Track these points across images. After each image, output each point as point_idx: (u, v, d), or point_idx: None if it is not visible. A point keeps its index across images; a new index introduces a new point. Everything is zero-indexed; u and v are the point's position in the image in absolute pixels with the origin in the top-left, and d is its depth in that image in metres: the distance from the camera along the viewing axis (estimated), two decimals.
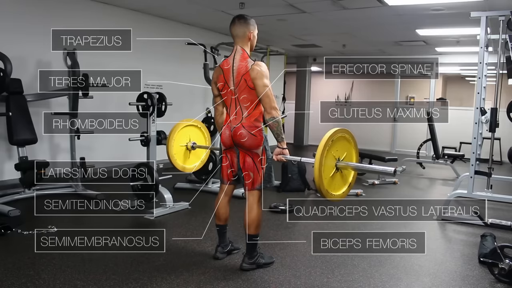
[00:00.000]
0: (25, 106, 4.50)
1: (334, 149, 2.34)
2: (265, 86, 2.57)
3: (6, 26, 4.61)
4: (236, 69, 2.67)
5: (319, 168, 2.22)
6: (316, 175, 2.23)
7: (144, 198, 4.16)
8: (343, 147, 2.42)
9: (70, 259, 2.86)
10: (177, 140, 3.16)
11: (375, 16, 5.87)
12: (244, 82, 2.63)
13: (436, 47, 8.49)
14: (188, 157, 3.22)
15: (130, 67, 6.10)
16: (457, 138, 8.92)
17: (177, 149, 3.15)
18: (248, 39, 2.72)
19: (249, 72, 2.61)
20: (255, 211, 2.72)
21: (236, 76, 2.67)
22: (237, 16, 2.72)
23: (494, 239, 3.21)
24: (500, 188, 4.98)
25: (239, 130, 2.66)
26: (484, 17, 4.00)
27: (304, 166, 5.46)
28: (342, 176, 2.40)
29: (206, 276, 2.67)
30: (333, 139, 2.32)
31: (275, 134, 2.66)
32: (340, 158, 2.37)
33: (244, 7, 5.50)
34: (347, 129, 2.47)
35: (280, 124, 2.64)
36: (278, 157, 2.69)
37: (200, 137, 3.32)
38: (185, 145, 3.20)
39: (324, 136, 2.30)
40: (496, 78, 4.00)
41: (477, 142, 4.12)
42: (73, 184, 4.81)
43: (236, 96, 2.69)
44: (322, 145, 2.26)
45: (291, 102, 11.12)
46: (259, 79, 2.59)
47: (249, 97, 2.65)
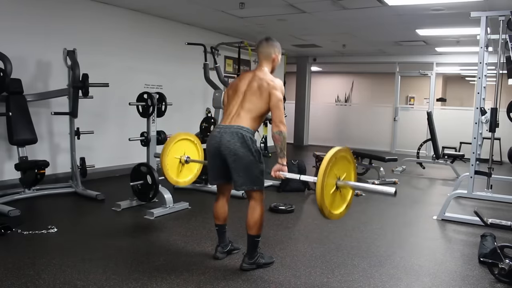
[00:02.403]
0: (25, 106, 4.50)
1: (336, 167, 2.39)
2: (279, 100, 2.67)
3: (6, 26, 4.61)
4: (253, 77, 2.76)
5: (321, 186, 2.26)
6: (318, 193, 2.27)
7: (144, 198, 4.16)
8: (344, 166, 2.48)
9: (70, 259, 2.86)
10: (172, 152, 3.18)
11: (375, 16, 5.87)
12: (257, 89, 2.70)
13: (436, 47, 8.49)
14: (181, 171, 3.24)
15: (130, 67, 6.13)
16: (457, 138, 8.93)
17: (171, 161, 3.17)
18: (272, 60, 2.85)
19: (267, 82, 2.69)
20: (257, 211, 2.72)
21: (250, 81, 2.75)
22: (266, 38, 2.88)
23: (494, 239, 3.21)
24: (500, 188, 4.98)
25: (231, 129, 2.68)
26: (484, 17, 4.01)
27: (304, 166, 5.46)
28: (341, 195, 2.46)
29: (206, 276, 2.67)
30: (336, 157, 2.37)
31: (278, 148, 2.67)
32: (340, 177, 2.42)
33: (244, 7, 5.50)
34: (348, 148, 2.51)
35: (285, 140, 2.68)
36: (277, 174, 2.69)
37: (194, 151, 3.35)
38: (179, 158, 3.21)
39: (327, 154, 2.34)
40: (496, 78, 4.00)
41: (477, 142, 4.12)
42: (73, 184, 4.81)
43: (242, 99, 2.74)
44: (325, 164, 2.30)
45: (291, 102, 11.14)
46: (276, 90, 2.68)
47: (255, 104, 2.70)
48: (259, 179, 2.72)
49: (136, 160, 4.49)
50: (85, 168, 4.81)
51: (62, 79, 4.88)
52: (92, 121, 5.38)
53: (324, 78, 12.87)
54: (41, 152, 4.98)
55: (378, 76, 12.33)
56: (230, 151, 2.64)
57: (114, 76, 5.64)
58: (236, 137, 2.64)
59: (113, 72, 5.78)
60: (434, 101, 9.49)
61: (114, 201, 4.27)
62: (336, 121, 11.31)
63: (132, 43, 6.16)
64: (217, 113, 5.22)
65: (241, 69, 8.12)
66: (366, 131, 10.72)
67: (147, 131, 4.25)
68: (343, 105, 12.17)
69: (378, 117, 10.66)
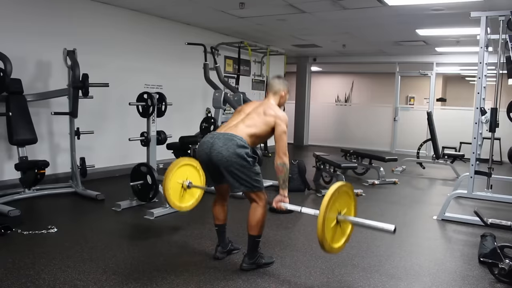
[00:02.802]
0: (25, 106, 4.50)
1: (338, 202, 2.44)
2: (283, 132, 2.74)
3: (6, 26, 4.61)
4: (261, 104, 2.88)
5: (323, 219, 2.30)
6: (319, 227, 2.29)
7: (144, 198, 4.16)
8: (345, 201, 2.52)
9: (70, 259, 2.86)
10: (175, 177, 3.23)
11: (375, 16, 5.87)
12: (262, 112, 2.77)
13: (436, 47, 8.49)
14: (182, 196, 3.28)
15: (130, 67, 6.13)
16: (457, 138, 8.93)
17: (174, 185, 3.20)
18: (280, 96, 2.95)
19: (274, 111, 2.78)
20: (258, 212, 2.72)
21: (257, 106, 2.86)
22: (277, 76, 3.07)
23: (494, 239, 3.21)
24: (500, 188, 4.98)
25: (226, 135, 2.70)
26: (484, 17, 4.00)
27: (304, 166, 5.46)
28: (341, 230, 2.50)
29: (206, 276, 2.67)
30: (339, 192, 2.42)
31: (281, 179, 2.71)
32: (341, 212, 2.47)
33: (244, 7, 5.50)
34: (351, 184, 2.57)
35: (288, 172, 2.73)
36: (278, 205, 2.72)
37: (196, 177, 3.39)
38: (181, 182, 3.25)
39: (330, 189, 2.38)
40: (496, 78, 4.00)
41: (477, 142, 4.12)
42: (73, 184, 4.81)
43: (245, 117, 2.80)
44: (328, 198, 2.34)
45: (291, 102, 11.14)
46: (281, 121, 2.74)
47: (256, 122, 2.74)
48: (256, 180, 2.70)
49: (136, 160, 4.49)
50: (85, 168, 4.80)
51: (62, 79, 4.88)
52: (92, 121, 5.38)
53: (324, 78, 12.86)
54: (41, 152, 4.98)
55: (378, 76, 12.33)
56: (222, 157, 2.60)
57: (114, 76, 5.64)
58: (229, 142, 2.61)
59: (113, 72, 5.78)
60: (434, 101, 9.49)
61: (114, 201, 4.27)
62: (336, 121, 11.31)
63: (132, 43, 6.16)
64: (217, 113, 5.22)
65: (241, 69, 8.13)
66: (366, 131, 10.72)
67: (147, 131, 4.25)
68: (343, 105, 12.16)
69: (378, 117, 10.66)
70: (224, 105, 5.25)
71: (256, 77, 9.19)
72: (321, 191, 5.22)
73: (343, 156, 6.89)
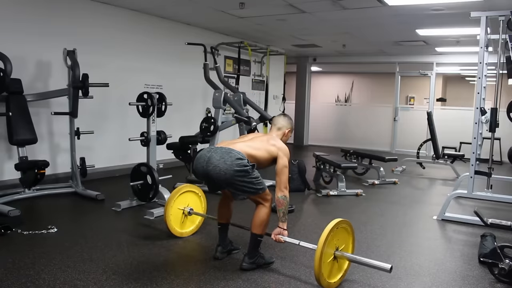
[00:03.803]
0: (25, 106, 4.50)
1: (336, 238, 2.46)
2: (285, 166, 2.76)
3: (6, 26, 4.61)
4: (264, 134, 3.01)
5: (320, 255, 2.31)
6: (317, 262, 2.31)
7: (144, 198, 4.16)
8: (343, 238, 2.55)
9: (70, 259, 2.86)
10: (176, 203, 3.31)
11: (375, 16, 5.87)
12: (266, 140, 2.83)
13: (436, 47, 8.49)
14: (183, 222, 3.36)
15: (130, 67, 6.14)
16: (457, 138, 8.93)
17: (175, 211, 3.25)
18: (283, 133, 3.01)
19: (277, 143, 2.83)
20: (264, 211, 2.73)
21: (261, 136, 2.96)
22: (283, 113, 3.18)
23: (494, 239, 3.21)
24: (500, 188, 4.98)
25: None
26: (484, 17, 4.00)
27: (304, 167, 5.46)
28: (338, 265, 2.52)
29: (206, 276, 2.67)
30: (337, 227, 2.44)
31: (281, 212, 2.72)
32: (338, 248, 2.50)
33: (244, 7, 5.50)
34: (349, 221, 2.59)
35: (288, 204, 2.75)
36: (277, 237, 2.76)
37: (197, 203, 3.43)
38: (182, 209, 3.29)
39: (329, 225, 2.39)
40: (496, 78, 4.00)
41: (477, 142, 4.12)
42: (73, 184, 4.81)
43: (246, 140, 2.85)
44: (326, 233, 2.35)
45: (291, 102, 11.14)
46: (283, 155, 2.78)
47: (258, 146, 2.76)
48: (258, 183, 2.69)
49: (136, 160, 4.49)
50: (85, 168, 4.80)
51: (62, 79, 4.88)
52: (92, 121, 5.38)
53: (324, 78, 12.87)
54: (41, 152, 4.98)
55: (378, 76, 12.33)
56: (220, 170, 2.57)
57: (114, 76, 5.64)
58: (226, 156, 2.59)
59: (113, 72, 5.78)
60: (434, 101, 9.49)
61: (114, 201, 4.27)
62: (336, 121, 11.32)
63: (132, 43, 6.16)
64: (217, 113, 5.22)
65: (241, 69, 8.13)
66: (366, 131, 10.72)
67: (147, 131, 4.25)
68: (343, 105, 12.16)
69: (378, 117, 10.66)
70: (224, 105, 5.25)
71: (256, 77, 9.19)
72: (321, 191, 5.22)
73: (343, 156, 6.90)
